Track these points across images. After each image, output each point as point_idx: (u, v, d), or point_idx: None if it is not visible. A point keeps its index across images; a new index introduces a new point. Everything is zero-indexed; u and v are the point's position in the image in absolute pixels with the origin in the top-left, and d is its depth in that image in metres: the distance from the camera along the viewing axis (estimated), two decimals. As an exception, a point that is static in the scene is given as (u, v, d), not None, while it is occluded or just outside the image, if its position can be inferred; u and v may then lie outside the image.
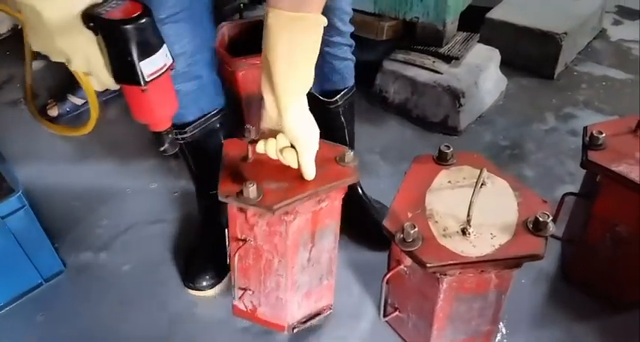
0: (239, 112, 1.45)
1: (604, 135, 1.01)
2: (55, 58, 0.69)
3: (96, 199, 1.42)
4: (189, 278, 1.19)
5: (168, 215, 1.38)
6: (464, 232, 0.87)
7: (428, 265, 0.83)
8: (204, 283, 1.17)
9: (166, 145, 0.82)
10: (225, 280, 1.21)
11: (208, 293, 1.18)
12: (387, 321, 1.09)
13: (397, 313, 1.05)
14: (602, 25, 2.05)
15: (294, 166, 0.87)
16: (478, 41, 1.72)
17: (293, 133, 0.83)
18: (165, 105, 0.76)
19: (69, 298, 1.20)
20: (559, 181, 1.43)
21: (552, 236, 1.15)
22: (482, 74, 1.64)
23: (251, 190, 0.85)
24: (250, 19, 1.53)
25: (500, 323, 1.09)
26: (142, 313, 1.16)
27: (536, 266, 1.20)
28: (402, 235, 0.86)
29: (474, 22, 1.82)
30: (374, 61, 1.69)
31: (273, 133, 0.85)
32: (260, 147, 0.88)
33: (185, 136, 1.10)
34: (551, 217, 0.86)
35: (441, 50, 1.64)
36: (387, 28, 1.76)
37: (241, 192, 0.86)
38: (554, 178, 1.44)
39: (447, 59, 1.63)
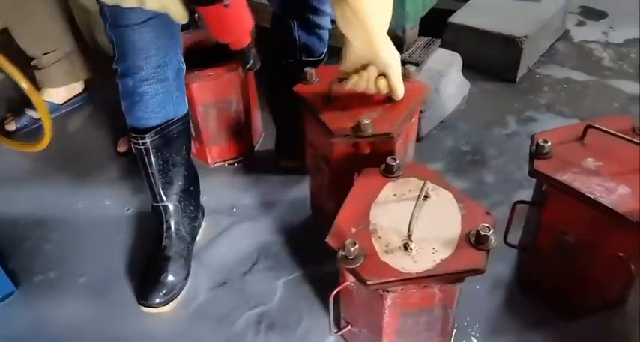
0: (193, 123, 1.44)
1: (549, 144, 1.01)
2: (127, 4, 0.76)
3: (47, 215, 1.40)
4: (143, 295, 1.17)
5: (119, 232, 1.36)
6: (406, 247, 0.87)
7: (368, 282, 0.83)
8: (158, 300, 1.16)
9: (251, 62, 0.91)
10: (180, 296, 1.19)
11: (162, 310, 1.17)
12: (341, 335, 1.08)
13: (350, 327, 1.05)
14: (565, 27, 2.06)
15: (385, 90, 1.04)
16: (440, 46, 1.72)
17: (388, 62, 1.00)
18: (245, 18, 0.83)
19: (20, 319, 1.18)
20: (518, 186, 1.43)
21: (508, 244, 1.16)
22: (443, 80, 1.64)
23: (367, 124, 1.00)
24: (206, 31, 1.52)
25: (454, 332, 1.09)
26: (97, 329, 1.15)
27: (492, 274, 1.20)
28: (343, 252, 0.85)
29: (437, 26, 1.82)
30: (336, 68, 1.68)
31: (359, 68, 1.01)
32: (352, 81, 1.03)
33: (145, 141, 1.10)
34: (492, 230, 0.86)
35: (402, 56, 1.63)
36: (348, 35, 1.76)
37: (357, 127, 1.00)
38: (513, 184, 1.44)
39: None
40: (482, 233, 0.85)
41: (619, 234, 0.94)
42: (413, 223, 0.86)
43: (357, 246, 0.84)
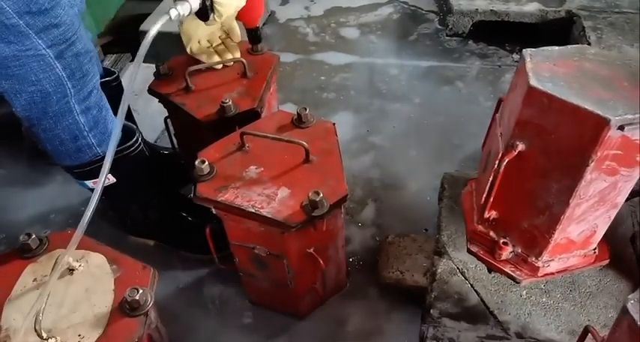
0: None
1: (206, 163, 0.94)
2: None
3: None
4: None
5: None
6: (44, 347, 0.72)
7: None
8: None
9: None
10: None
11: None
12: None
13: None
14: (269, 9, 2.06)
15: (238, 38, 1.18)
16: (132, 60, 1.57)
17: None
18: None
19: None
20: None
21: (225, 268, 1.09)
22: (140, 99, 1.50)
23: (230, 105, 1.05)
24: None
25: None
26: None
27: (224, 296, 1.14)
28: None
29: (128, 38, 1.66)
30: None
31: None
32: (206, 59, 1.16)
33: None
34: (142, 290, 0.76)
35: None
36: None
37: (222, 109, 1.05)
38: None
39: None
40: (130, 299, 0.75)
41: (293, 237, 0.92)
42: (39, 319, 0.71)
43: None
